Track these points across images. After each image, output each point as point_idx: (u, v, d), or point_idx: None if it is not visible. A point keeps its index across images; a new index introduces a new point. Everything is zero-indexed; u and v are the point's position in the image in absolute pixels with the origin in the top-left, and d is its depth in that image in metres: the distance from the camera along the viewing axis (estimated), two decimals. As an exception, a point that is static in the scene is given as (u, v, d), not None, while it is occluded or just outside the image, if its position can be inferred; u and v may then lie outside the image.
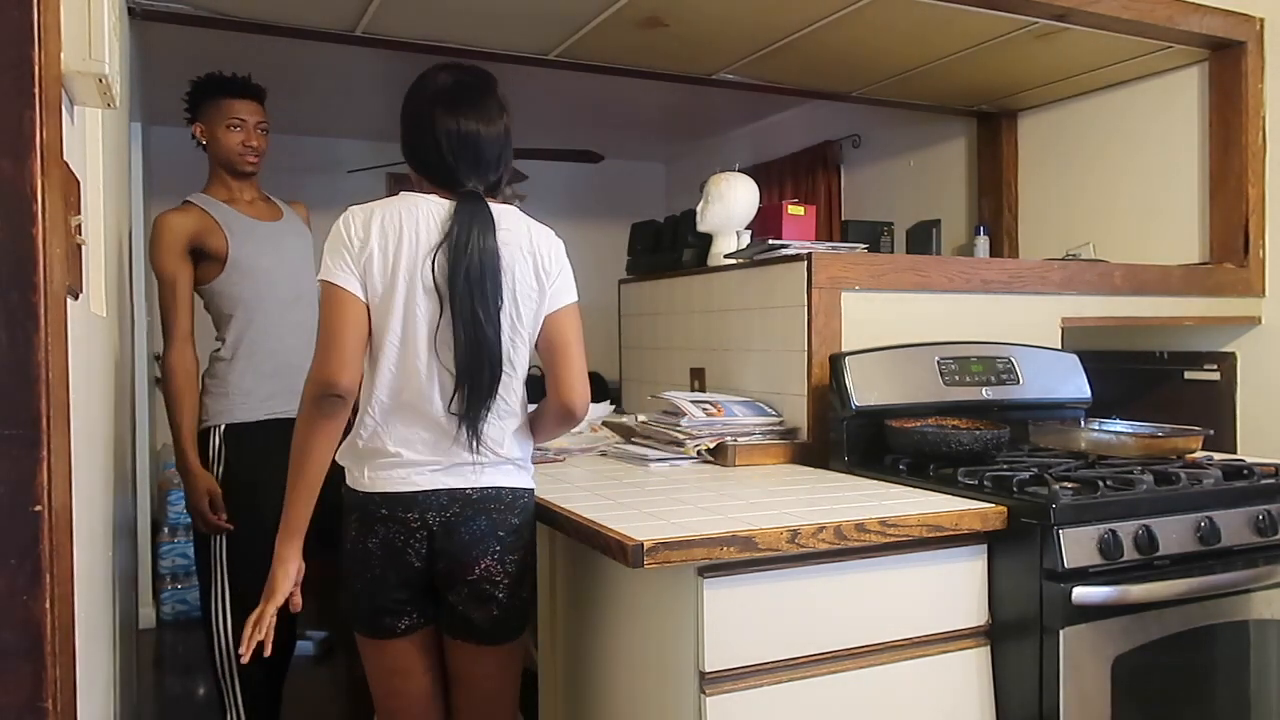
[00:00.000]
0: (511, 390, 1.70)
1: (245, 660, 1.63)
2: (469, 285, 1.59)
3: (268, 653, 1.63)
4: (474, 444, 1.64)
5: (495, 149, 1.68)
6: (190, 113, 2.48)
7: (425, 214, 1.63)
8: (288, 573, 1.66)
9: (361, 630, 1.73)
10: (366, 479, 1.66)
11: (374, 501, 1.65)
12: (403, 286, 1.60)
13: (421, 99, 1.69)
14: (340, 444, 1.68)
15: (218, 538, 2.36)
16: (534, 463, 1.79)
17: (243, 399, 2.39)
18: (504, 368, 1.65)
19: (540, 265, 1.69)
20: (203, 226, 2.38)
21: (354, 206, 1.65)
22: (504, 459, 1.69)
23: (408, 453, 1.64)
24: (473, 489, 1.66)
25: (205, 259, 2.39)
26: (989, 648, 1.73)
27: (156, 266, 2.35)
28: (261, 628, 1.64)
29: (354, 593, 1.69)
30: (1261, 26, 2.96)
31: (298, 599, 1.70)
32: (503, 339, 1.64)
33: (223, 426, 2.38)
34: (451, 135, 1.65)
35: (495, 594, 1.67)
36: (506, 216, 1.69)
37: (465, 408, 1.62)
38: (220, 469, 2.36)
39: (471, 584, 1.66)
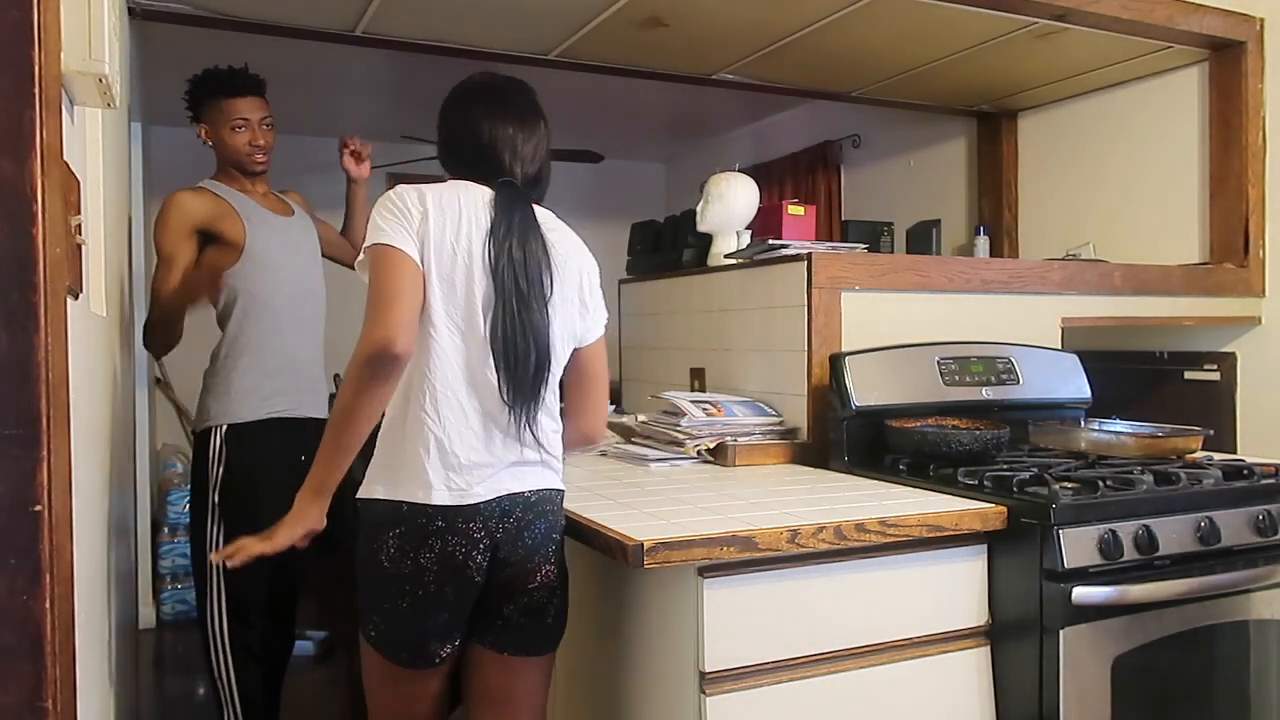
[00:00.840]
0: (552, 389, 1.65)
1: (221, 561, 1.57)
2: (513, 267, 1.55)
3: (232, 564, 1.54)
4: (528, 437, 1.57)
5: (531, 145, 1.67)
6: (191, 112, 2.45)
7: (480, 198, 1.60)
8: (293, 531, 1.55)
9: (398, 659, 1.57)
10: (416, 490, 1.52)
11: (425, 514, 1.51)
12: (463, 267, 1.55)
13: (461, 98, 1.70)
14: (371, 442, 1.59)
15: (214, 540, 2.34)
16: (554, 504, 1.69)
17: (244, 398, 2.36)
18: (552, 359, 1.61)
19: (585, 280, 1.70)
20: (218, 211, 2.36)
21: (401, 185, 1.60)
22: (555, 457, 1.64)
23: (464, 454, 1.53)
24: (531, 491, 1.59)
25: (215, 243, 2.35)
26: (989, 648, 1.73)
27: (158, 242, 2.31)
28: (239, 558, 1.54)
29: (392, 617, 1.54)
30: (1261, 26, 2.96)
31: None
32: (549, 329, 1.60)
33: (224, 427, 2.35)
34: (490, 128, 1.65)
35: (552, 600, 1.63)
36: (552, 219, 1.69)
37: (513, 394, 1.54)
38: (220, 470, 2.34)
39: (532, 592, 1.60)
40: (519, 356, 1.54)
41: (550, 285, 1.60)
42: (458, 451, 1.53)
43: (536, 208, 1.65)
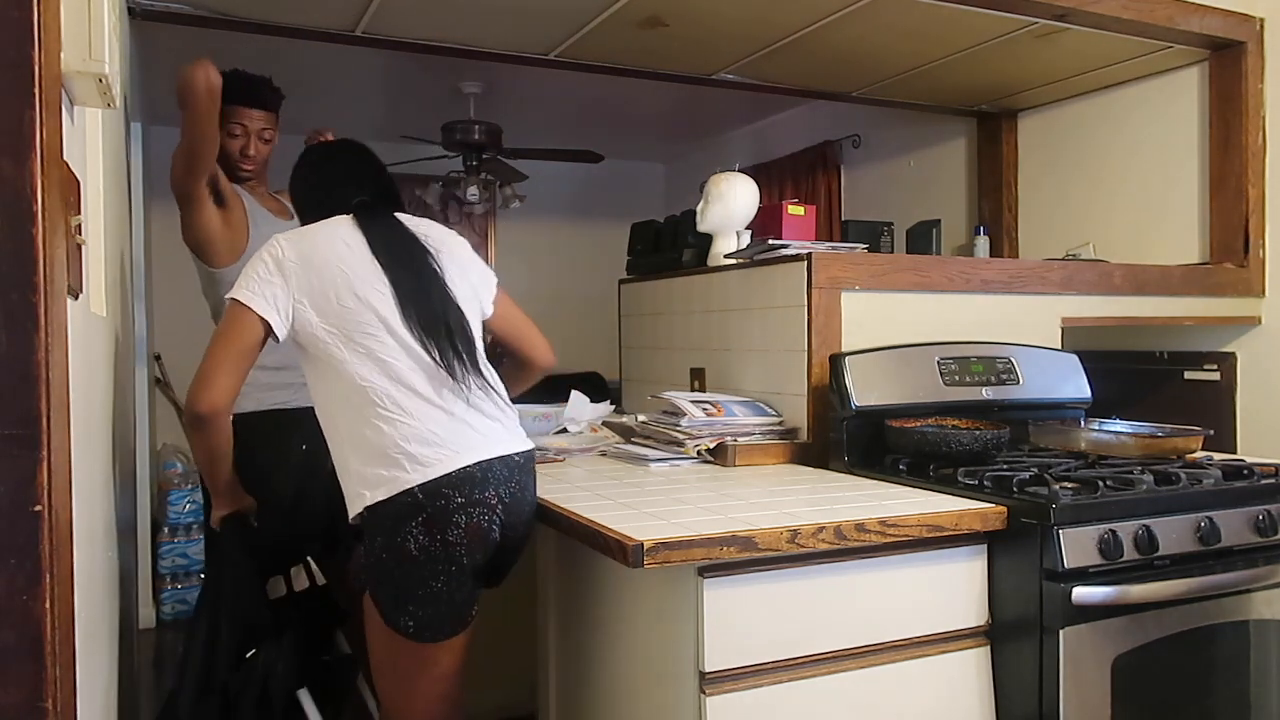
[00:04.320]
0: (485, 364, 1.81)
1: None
2: (397, 257, 1.74)
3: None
4: (478, 386, 1.71)
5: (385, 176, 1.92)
6: None
7: (341, 228, 1.77)
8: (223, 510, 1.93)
9: (445, 635, 1.68)
10: (423, 467, 1.63)
11: (442, 494, 1.62)
12: (359, 281, 1.70)
13: (318, 157, 1.97)
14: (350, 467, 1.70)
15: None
16: (534, 462, 1.83)
17: (250, 390, 2.38)
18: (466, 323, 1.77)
19: (451, 249, 1.86)
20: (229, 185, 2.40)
21: (276, 235, 1.77)
22: (515, 418, 1.81)
23: (442, 431, 1.66)
24: (518, 454, 1.75)
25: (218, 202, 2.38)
26: (989, 648, 1.73)
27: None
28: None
29: (429, 601, 1.64)
30: (1261, 26, 2.96)
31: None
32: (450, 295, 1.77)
33: (232, 418, 2.38)
34: (341, 168, 1.91)
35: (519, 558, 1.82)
36: (411, 220, 1.87)
37: (443, 356, 1.68)
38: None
39: (520, 549, 1.78)
40: (433, 324, 1.70)
41: (436, 262, 1.79)
42: (434, 430, 1.66)
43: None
